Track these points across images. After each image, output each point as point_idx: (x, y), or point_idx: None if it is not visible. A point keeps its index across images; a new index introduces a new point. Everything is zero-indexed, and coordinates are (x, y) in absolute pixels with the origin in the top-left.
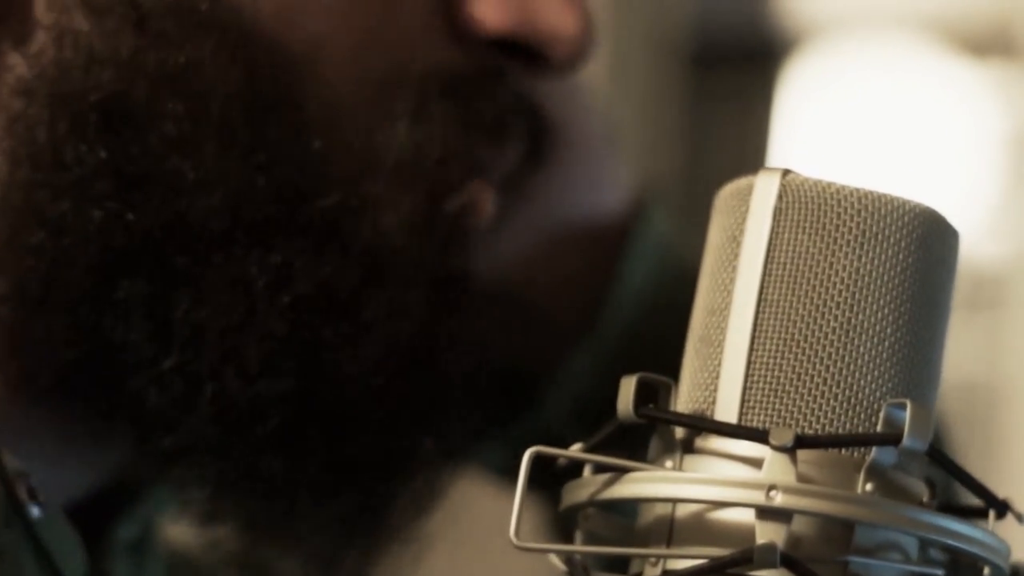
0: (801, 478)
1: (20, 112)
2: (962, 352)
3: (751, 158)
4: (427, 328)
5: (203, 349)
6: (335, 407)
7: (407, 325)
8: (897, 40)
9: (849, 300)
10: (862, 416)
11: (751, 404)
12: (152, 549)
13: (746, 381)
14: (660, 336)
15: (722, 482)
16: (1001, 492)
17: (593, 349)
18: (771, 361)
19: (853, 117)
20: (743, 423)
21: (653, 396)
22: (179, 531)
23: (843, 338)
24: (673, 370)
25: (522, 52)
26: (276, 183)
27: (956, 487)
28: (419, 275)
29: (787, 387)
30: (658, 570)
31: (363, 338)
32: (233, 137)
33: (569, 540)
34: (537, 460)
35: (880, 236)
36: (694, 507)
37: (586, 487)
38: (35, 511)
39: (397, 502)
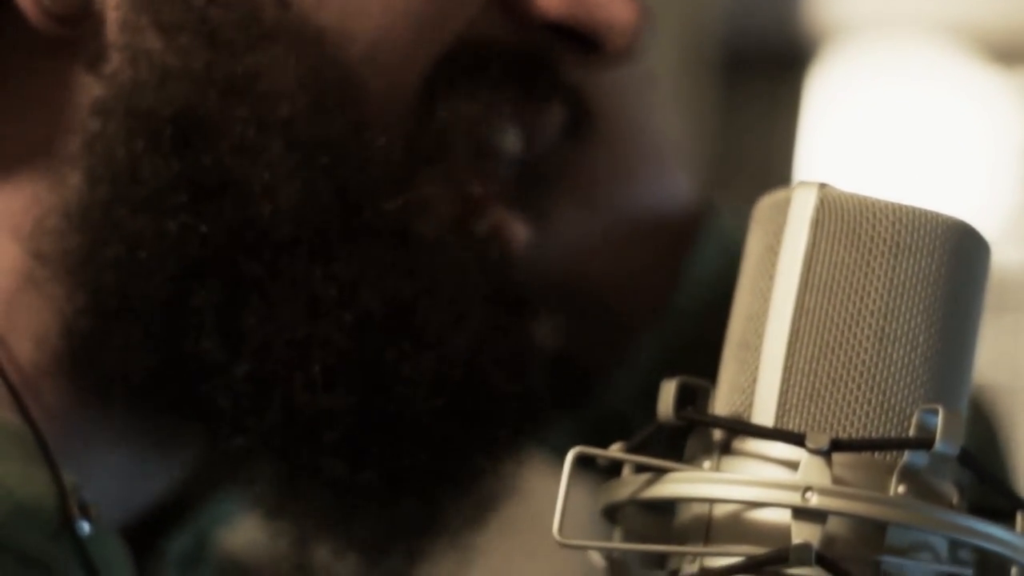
0: (836, 480)
1: (98, 132)
2: (983, 355)
3: (779, 163)
4: (483, 338)
5: (272, 359)
6: (394, 423)
7: (463, 336)
8: (923, 46)
9: (883, 309)
10: (895, 421)
11: (787, 408)
12: (204, 564)
13: (783, 386)
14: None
15: (759, 483)
16: None
17: (662, 341)
18: (807, 367)
19: (879, 122)
20: (780, 426)
21: (692, 399)
22: (234, 542)
23: (877, 345)
24: None
25: (576, 39)
26: (340, 184)
27: (986, 489)
28: (472, 279)
29: (823, 392)
30: (695, 567)
31: (422, 354)
32: (298, 138)
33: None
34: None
35: (914, 248)
36: (731, 507)
37: (626, 486)
38: (85, 527)
39: (450, 510)
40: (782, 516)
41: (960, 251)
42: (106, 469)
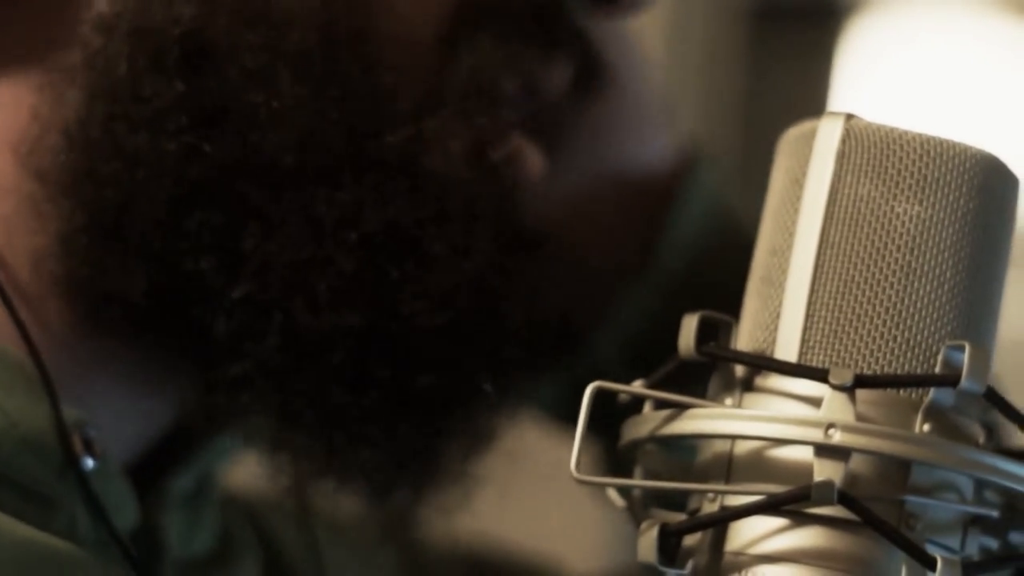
0: (860, 417)
1: (100, 48)
2: (1011, 308)
3: (811, 113)
4: (491, 268)
5: (272, 281)
6: (400, 343)
7: (471, 264)
8: None
9: (909, 243)
10: (921, 358)
11: (811, 344)
12: (207, 501)
13: (806, 321)
14: (711, 284)
15: (781, 419)
16: None
17: (642, 295)
18: (831, 302)
19: (913, 73)
20: (803, 362)
21: (714, 334)
22: (236, 479)
23: (903, 280)
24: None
25: None
26: (347, 118)
27: (1013, 431)
28: (483, 212)
29: (847, 328)
30: (716, 506)
31: (428, 276)
32: (308, 70)
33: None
34: (597, 398)
35: (941, 181)
36: (752, 444)
37: (646, 423)
38: (89, 463)
39: (453, 440)
40: (804, 454)
41: (988, 185)
42: (108, 405)
